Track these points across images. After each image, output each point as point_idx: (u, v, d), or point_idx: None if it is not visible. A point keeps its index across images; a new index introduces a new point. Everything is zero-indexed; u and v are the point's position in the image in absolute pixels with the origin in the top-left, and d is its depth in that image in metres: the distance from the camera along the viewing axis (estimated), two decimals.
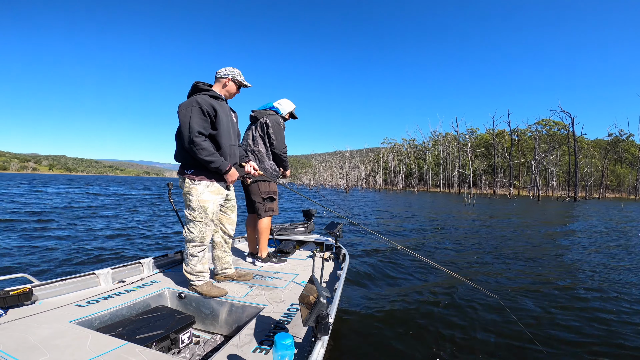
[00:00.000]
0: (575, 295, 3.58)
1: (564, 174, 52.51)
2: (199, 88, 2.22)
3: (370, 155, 75.08)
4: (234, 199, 2.49)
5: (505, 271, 4.51)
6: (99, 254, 4.92)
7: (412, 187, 61.19)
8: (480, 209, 17.63)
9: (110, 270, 2.27)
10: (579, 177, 41.19)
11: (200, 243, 2.20)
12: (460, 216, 12.94)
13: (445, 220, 11.24)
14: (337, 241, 3.29)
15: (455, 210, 15.70)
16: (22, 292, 1.74)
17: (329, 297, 1.37)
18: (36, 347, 1.36)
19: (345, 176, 48.90)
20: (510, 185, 43.20)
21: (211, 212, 2.20)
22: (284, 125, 3.03)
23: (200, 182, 2.15)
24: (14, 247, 5.13)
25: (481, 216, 13.14)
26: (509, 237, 7.77)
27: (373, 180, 67.82)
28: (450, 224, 10.15)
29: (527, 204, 25.45)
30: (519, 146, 57.04)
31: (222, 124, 2.19)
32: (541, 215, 14.37)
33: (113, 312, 1.84)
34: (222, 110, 2.19)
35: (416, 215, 12.75)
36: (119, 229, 7.28)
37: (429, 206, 18.72)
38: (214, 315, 2.04)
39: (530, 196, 38.27)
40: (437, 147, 66.47)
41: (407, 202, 21.89)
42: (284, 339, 1.20)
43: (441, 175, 60.82)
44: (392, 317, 2.90)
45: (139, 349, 1.40)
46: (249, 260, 3.09)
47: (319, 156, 71.75)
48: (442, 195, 39.45)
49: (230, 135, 2.27)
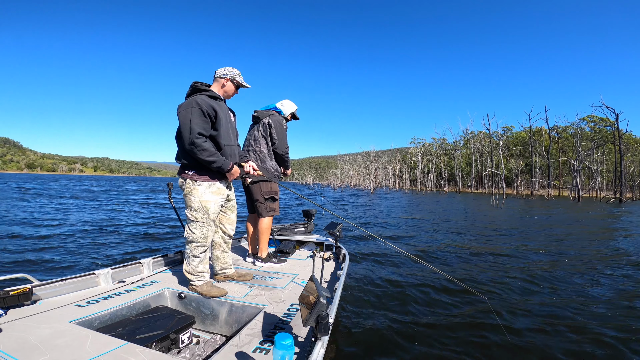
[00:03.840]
0: None
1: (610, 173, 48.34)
2: (198, 88, 2.21)
3: (398, 155, 72.74)
4: (234, 199, 2.49)
5: (498, 272, 4.51)
6: (99, 253, 4.92)
7: (442, 188, 57.87)
8: (506, 212, 15.78)
9: (110, 270, 2.26)
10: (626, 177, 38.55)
11: (202, 244, 2.20)
12: (471, 219, 12.00)
13: (457, 223, 10.66)
14: (337, 241, 3.29)
15: (477, 212, 14.59)
16: (22, 292, 1.74)
17: (329, 297, 1.37)
18: (36, 347, 1.36)
19: (372, 176, 47.11)
20: (549, 185, 40.01)
21: (213, 213, 2.20)
22: (286, 126, 3.04)
23: (202, 183, 2.15)
24: (14, 247, 5.13)
25: (497, 220, 11.76)
26: (503, 240, 7.76)
27: (401, 181, 66.24)
28: (457, 226, 10.13)
29: (566, 205, 23.57)
30: (559, 144, 52.67)
31: (222, 124, 2.19)
32: (571, 218, 12.99)
33: (113, 312, 1.84)
34: (221, 111, 2.19)
35: (428, 215, 12.53)
36: (120, 229, 7.29)
37: (451, 207, 17.72)
38: (214, 316, 2.03)
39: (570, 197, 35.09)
40: (468, 146, 63.19)
41: (429, 203, 21.09)
42: (284, 339, 1.20)
43: (473, 175, 57.84)
44: (392, 317, 2.90)
45: (139, 349, 1.40)
46: (249, 260, 3.09)
47: (345, 157, 70.65)
48: (473, 196, 37.63)
49: (229, 136, 2.27)
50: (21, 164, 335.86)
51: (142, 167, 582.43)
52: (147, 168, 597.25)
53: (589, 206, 22.75)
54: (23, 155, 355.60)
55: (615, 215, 15.40)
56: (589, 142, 48.80)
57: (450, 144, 70.88)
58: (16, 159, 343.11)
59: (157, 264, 2.64)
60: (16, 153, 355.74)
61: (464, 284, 2.57)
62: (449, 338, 2.56)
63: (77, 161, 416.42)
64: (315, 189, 38.65)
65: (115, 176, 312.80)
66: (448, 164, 66.28)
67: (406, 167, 67.84)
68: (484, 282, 4.00)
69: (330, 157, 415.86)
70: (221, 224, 2.42)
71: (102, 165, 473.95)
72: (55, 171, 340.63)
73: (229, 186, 2.38)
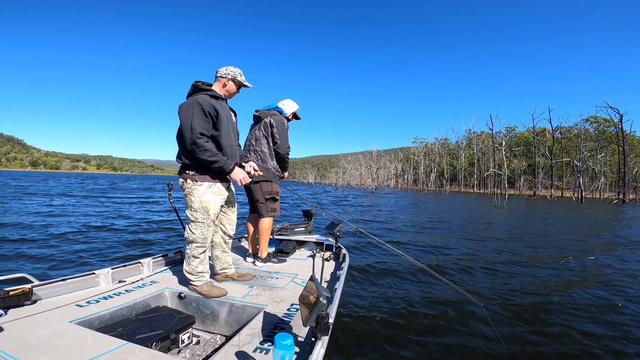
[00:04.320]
0: None
1: (614, 174, 47.27)
2: (199, 88, 2.20)
3: (400, 155, 72.43)
4: (234, 199, 2.49)
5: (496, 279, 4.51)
6: (99, 253, 4.92)
7: (444, 188, 57.92)
8: (507, 211, 15.75)
9: (110, 270, 2.26)
10: (630, 178, 38.04)
11: (202, 244, 2.19)
12: (470, 219, 12.06)
13: (454, 222, 10.91)
14: (337, 241, 3.29)
15: (477, 214, 14.17)
16: (22, 292, 1.74)
17: (329, 297, 1.37)
18: (36, 347, 1.36)
19: (373, 176, 46.75)
20: (552, 186, 39.74)
21: (213, 213, 2.19)
22: (287, 126, 3.03)
23: (203, 183, 2.14)
24: (14, 246, 5.13)
25: (496, 222, 11.47)
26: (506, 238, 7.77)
27: (402, 180, 65.68)
28: (456, 226, 10.13)
29: (568, 205, 23.09)
30: (562, 145, 52.25)
31: (223, 124, 2.18)
32: (568, 217, 12.95)
33: (113, 312, 1.84)
34: (222, 111, 2.18)
35: (427, 215, 12.64)
36: (119, 228, 7.29)
37: (451, 208, 17.35)
38: (214, 315, 2.03)
39: (573, 197, 35.21)
40: (471, 146, 62.86)
41: (429, 203, 20.86)
42: (284, 339, 1.20)
43: (475, 175, 57.29)
44: (392, 317, 2.90)
45: (139, 349, 1.40)
46: (249, 260, 3.09)
47: (347, 156, 69.95)
48: (475, 196, 37.18)
49: (230, 136, 2.26)
50: (25, 162, 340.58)
51: (145, 165, 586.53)
52: (150, 166, 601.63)
53: (595, 206, 22.15)
54: (27, 153, 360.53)
55: (627, 218, 14.32)
56: (593, 142, 48.20)
57: (452, 144, 70.52)
58: (20, 156, 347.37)
59: (157, 264, 2.63)
60: (20, 151, 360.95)
61: (461, 289, 2.55)
62: (449, 339, 2.56)
63: (80, 159, 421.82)
64: (316, 189, 38.37)
65: (117, 174, 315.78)
66: (450, 164, 65.97)
67: (408, 166, 67.44)
68: (484, 288, 4.00)
69: (333, 156, 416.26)
70: (221, 224, 2.42)
71: (105, 163, 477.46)
72: (58, 169, 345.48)
73: (229, 186, 2.37)
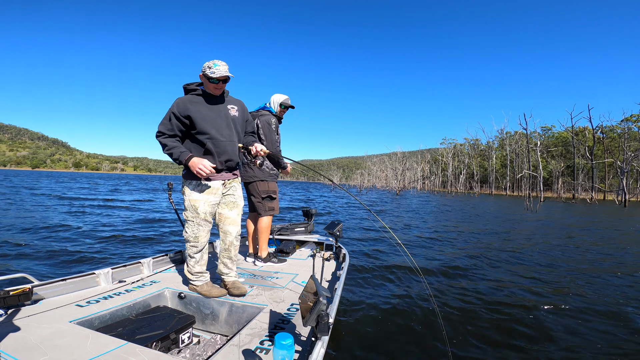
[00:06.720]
0: None
1: None
2: (185, 89, 2.23)
3: (428, 156, 70.62)
4: (234, 195, 2.30)
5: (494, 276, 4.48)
6: (99, 253, 4.92)
7: (474, 190, 55.27)
8: (540, 215, 14.16)
9: (110, 270, 2.27)
10: None
11: (194, 243, 2.17)
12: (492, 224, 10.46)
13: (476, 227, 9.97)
14: (337, 241, 3.29)
15: (507, 216, 13.10)
16: (22, 292, 1.74)
17: (329, 297, 1.37)
18: (36, 347, 1.36)
19: (399, 177, 45.24)
20: (593, 188, 37.22)
21: (202, 212, 2.14)
22: (275, 124, 3.03)
23: (191, 182, 2.14)
24: (14, 247, 5.13)
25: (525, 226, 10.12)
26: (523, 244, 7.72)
27: (430, 182, 63.86)
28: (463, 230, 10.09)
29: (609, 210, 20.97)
30: (604, 145, 47.98)
31: (205, 120, 2.10)
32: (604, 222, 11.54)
33: (113, 312, 1.84)
34: (203, 108, 2.12)
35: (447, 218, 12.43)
36: (119, 228, 7.29)
37: (475, 210, 16.31)
38: (214, 315, 2.04)
39: (616, 201, 32.07)
40: (503, 147, 60.00)
41: (457, 205, 19.86)
42: (284, 339, 1.20)
43: (508, 177, 54.85)
44: (392, 317, 2.90)
45: (139, 349, 1.40)
46: (249, 260, 3.09)
47: (372, 157, 68.50)
48: (507, 199, 34.89)
49: (220, 131, 2.15)
50: (68, 163, 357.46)
51: (177, 167, 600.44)
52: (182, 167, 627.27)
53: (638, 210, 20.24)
54: (70, 155, 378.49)
55: None
56: (638, 142, 44.01)
57: (483, 145, 67.73)
58: (64, 158, 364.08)
59: (157, 264, 2.64)
60: (64, 153, 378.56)
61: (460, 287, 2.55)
62: (448, 339, 2.56)
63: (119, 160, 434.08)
64: (336, 190, 36.53)
65: (152, 175, 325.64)
66: (481, 165, 63.37)
67: (436, 168, 65.59)
68: (482, 288, 4.01)
69: (358, 158, 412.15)
70: (222, 224, 2.30)
71: (141, 164, 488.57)
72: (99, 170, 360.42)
73: (229, 184, 2.28)
